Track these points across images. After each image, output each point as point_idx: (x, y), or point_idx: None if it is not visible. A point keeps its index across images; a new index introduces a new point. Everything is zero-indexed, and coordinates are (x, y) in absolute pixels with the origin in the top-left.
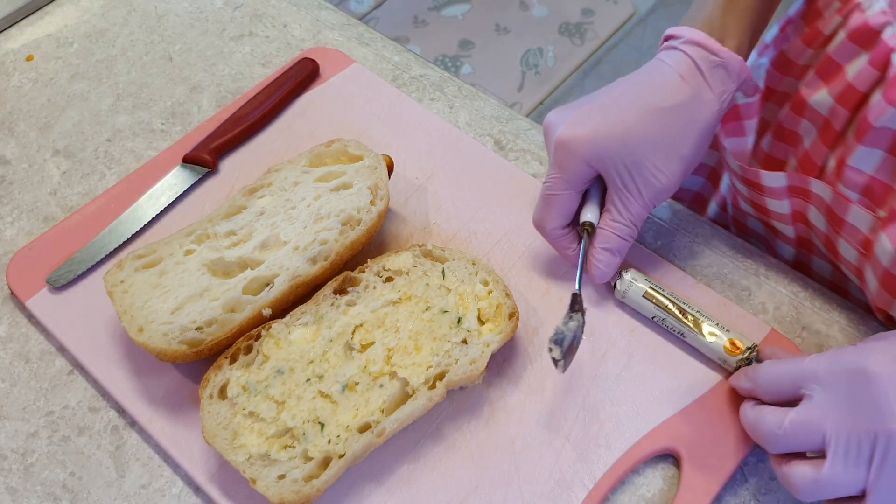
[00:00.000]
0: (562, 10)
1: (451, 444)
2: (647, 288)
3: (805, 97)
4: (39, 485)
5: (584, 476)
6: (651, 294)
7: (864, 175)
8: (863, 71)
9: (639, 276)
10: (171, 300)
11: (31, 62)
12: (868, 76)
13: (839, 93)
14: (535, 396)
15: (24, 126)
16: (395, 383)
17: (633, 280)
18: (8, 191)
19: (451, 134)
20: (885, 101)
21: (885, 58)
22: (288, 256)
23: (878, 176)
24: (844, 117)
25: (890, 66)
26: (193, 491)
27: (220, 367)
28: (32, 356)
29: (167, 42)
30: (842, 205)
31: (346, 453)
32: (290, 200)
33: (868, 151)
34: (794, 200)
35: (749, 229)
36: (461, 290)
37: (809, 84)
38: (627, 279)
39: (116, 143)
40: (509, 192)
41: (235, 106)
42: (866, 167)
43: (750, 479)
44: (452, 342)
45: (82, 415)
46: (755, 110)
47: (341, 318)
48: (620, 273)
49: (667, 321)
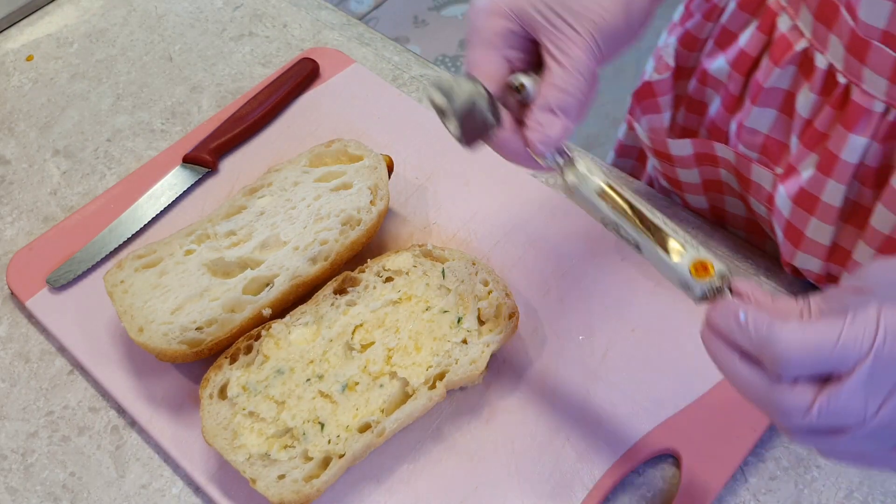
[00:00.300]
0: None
1: (451, 444)
2: (602, 185)
3: (706, 67)
4: (39, 485)
5: (584, 476)
6: (607, 194)
7: (761, 135)
8: (753, 37)
9: (596, 169)
10: (172, 300)
11: (31, 62)
12: (757, 41)
13: (733, 59)
14: (535, 396)
15: (25, 126)
16: (395, 383)
17: (588, 173)
18: (8, 191)
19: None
20: (771, 62)
21: (771, 22)
22: (288, 256)
23: (773, 134)
24: (740, 82)
25: (775, 30)
26: (193, 491)
27: (220, 367)
28: (32, 356)
29: (167, 42)
30: (745, 165)
31: (346, 453)
32: (290, 200)
33: (761, 112)
34: (704, 169)
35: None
36: (461, 290)
37: (709, 54)
38: (581, 170)
39: (116, 143)
40: (509, 192)
41: (235, 106)
42: (762, 127)
43: (750, 479)
44: (452, 342)
45: (82, 415)
46: (668, 87)
47: (341, 318)
48: (573, 161)
49: (622, 229)
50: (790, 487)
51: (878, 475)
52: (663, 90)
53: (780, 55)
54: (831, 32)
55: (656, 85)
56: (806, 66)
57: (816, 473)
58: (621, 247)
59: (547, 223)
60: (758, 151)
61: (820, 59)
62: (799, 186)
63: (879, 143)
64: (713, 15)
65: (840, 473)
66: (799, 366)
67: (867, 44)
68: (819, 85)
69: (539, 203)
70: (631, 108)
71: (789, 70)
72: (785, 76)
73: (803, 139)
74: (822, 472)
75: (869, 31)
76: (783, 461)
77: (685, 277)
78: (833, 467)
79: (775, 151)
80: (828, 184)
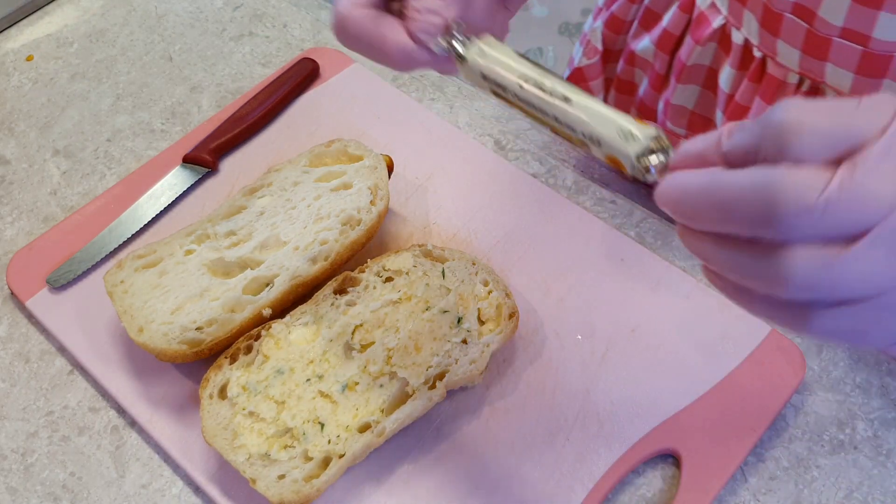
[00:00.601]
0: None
1: (451, 444)
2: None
3: (633, 48)
4: (39, 485)
5: (584, 476)
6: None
7: (686, 111)
8: (674, 16)
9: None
10: (171, 300)
11: (31, 62)
12: (679, 20)
13: (657, 38)
14: (535, 396)
15: (24, 126)
16: (394, 383)
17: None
18: (8, 191)
19: (451, 134)
20: (692, 40)
21: (690, 2)
22: (288, 256)
23: (697, 110)
24: (665, 61)
25: (695, 9)
26: (193, 491)
27: (220, 367)
28: (32, 356)
29: (167, 42)
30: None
31: (346, 453)
32: (290, 200)
33: (685, 88)
34: None
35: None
36: (461, 290)
37: (635, 35)
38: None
39: (116, 143)
40: (509, 192)
41: (235, 106)
42: (687, 103)
43: (750, 479)
44: (452, 342)
45: (82, 415)
46: (598, 70)
47: (341, 318)
48: (468, 38)
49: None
50: (790, 487)
51: (879, 475)
52: (593, 74)
53: (700, 33)
54: (745, 8)
55: (586, 70)
56: (725, 42)
57: (816, 473)
58: (621, 247)
59: (547, 223)
60: (685, 128)
61: (736, 34)
62: None
63: None
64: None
65: (840, 473)
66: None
67: (780, 17)
68: (737, 60)
69: (539, 203)
70: None
71: (710, 47)
72: (706, 53)
73: (727, 113)
74: (822, 472)
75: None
76: (783, 461)
77: (625, 126)
78: (833, 467)
79: (701, 126)
80: None
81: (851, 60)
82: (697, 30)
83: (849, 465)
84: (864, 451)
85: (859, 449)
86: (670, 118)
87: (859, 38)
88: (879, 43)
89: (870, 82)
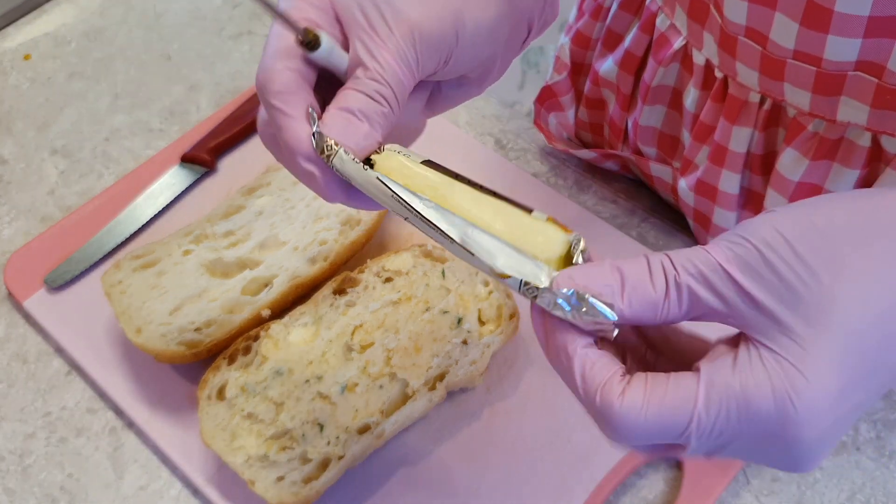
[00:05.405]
0: (562, 10)
1: (452, 445)
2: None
3: (597, 69)
4: (37, 486)
5: (585, 478)
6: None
7: (656, 130)
8: (636, 37)
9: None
10: (170, 301)
11: (29, 61)
12: (640, 41)
13: (620, 60)
14: (535, 397)
15: (22, 125)
16: (394, 384)
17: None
18: (5, 190)
19: (451, 133)
20: (655, 61)
21: (651, 22)
22: (287, 257)
23: (665, 130)
24: (630, 82)
25: (655, 30)
26: (192, 493)
27: (218, 368)
28: (30, 357)
29: (165, 41)
30: (643, 162)
31: (345, 455)
32: (289, 200)
33: (652, 109)
34: (612, 163)
35: None
36: (461, 291)
37: (599, 56)
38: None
39: (114, 143)
40: (510, 192)
41: (234, 105)
42: (655, 123)
43: (752, 481)
44: (452, 343)
45: (80, 416)
46: (567, 86)
47: (340, 319)
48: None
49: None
50: (792, 489)
51: (881, 476)
52: (563, 90)
53: (662, 54)
54: (704, 30)
55: (555, 86)
56: (687, 62)
57: (818, 475)
58: (623, 246)
59: None
60: (655, 147)
61: (697, 55)
62: (697, 178)
63: (761, 132)
64: (599, 15)
65: (842, 475)
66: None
67: (735, 39)
68: (700, 80)
69: (540, 202)
70: (536, 113)
71: (673, 67)
72: (670, 73)
73: (693, 133)
74: (825, 474)
75: (734, 27)
76: None
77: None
78: (835, 469)
79: (670, 146)
80: (722, 174)
81: (807, 80)
82: (659, 51)
83: (851, 466)
84: (867, 452)
85: (862, 450)
86: (640, 139)
87: (811, 59)
88: (831, 63)
89: (827, 100)
